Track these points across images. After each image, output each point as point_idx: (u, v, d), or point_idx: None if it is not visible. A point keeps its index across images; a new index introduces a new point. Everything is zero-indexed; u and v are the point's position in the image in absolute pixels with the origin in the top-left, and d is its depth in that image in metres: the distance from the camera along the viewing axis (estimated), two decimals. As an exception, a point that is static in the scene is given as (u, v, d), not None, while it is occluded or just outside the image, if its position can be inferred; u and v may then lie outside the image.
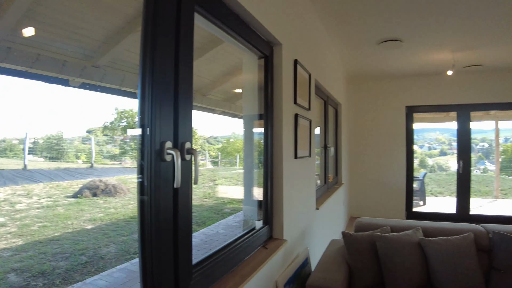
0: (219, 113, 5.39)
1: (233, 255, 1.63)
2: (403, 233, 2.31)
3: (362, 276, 2.20)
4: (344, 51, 4.59)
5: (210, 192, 8.95)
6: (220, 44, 3.23)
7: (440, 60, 4.96)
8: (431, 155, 13.64)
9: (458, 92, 6.02)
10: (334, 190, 4.36)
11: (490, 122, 8.87)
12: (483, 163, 12.43)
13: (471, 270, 2.18)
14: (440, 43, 4.22)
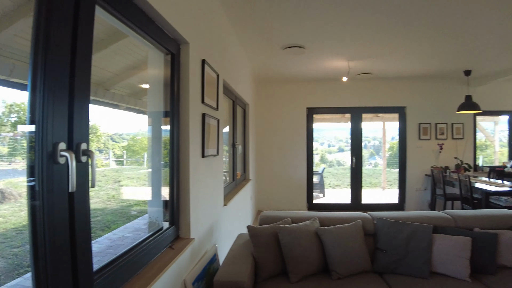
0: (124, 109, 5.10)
1: (138, 258, 1.59)
2: (302, 223, 2.51)
3: (266, 266, 2.33)
4: (252, 54, 4.76)
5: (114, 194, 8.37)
6: (127, 37, 3.08)
7: (337, 67, 5.50)
8: (330, 152, 14.97)
9: (352, 96, 6.77)
10: (242, 186, 4.50)
11: (379, 123, 10.03)
12: (374, 159, 14.05)
13: (360, 252, 2.49)
14: (337, 52, 4.68)
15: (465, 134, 6.75)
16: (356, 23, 3.54)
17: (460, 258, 2.43)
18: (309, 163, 6.89)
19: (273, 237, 2.43)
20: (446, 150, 6.65)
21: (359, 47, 4.42)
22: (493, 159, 7.66)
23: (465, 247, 2.46)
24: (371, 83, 6.70)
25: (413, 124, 6.74)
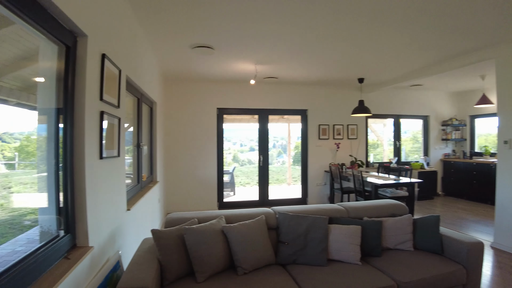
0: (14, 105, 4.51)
1: (24, 274, 1.43)
2: (208, 223, 2.53)
3: (172, 268, 2.29)
4: (160, 51, 4.61)
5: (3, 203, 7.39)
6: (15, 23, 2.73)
7: (246, 70, 5.67)
8: (242, 151, 15.37)
9: (260, 98, 7.05)
10: (149, 189, 4.34)
11: (285, 124, 10.61)
12: (282, 157, 14.80)
13: (264, 246, 2.61)
14: (245, 55, 4.82)
15: (358, 134, 7.60)
16: (262, 29, 3.70)
17: (352, 244, 2.72)
18: (220, 163, 6.97)
19: (179, 239, 2.40)
20: (343, 149, 7.42)
21: (265, 52, 4.63)
22: (382, 156, 8.69)
23: (356, 234, 2.76)
24: (277, 86, 7.09)
25: (313, 125, 7.34)
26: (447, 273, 2.58)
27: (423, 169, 8.00)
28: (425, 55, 4.92)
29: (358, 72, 6.00)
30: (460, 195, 7.98)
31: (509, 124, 4.36)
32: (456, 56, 4.94)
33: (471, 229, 5.46)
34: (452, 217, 6.22)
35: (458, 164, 8.04)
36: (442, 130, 8.57)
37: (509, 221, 4.33)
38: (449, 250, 2.84)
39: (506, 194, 4.39)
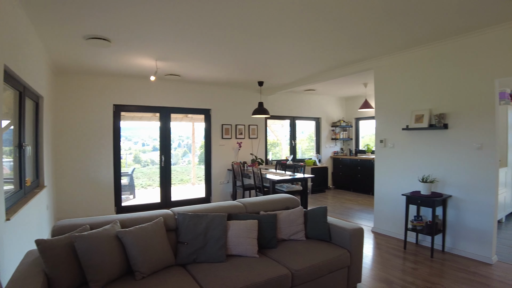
0: None
1: None
2: (101, 229, 2.39)
3: (62, 281, 2.10)
4: (48, 41, 4.12)
5: None
6: None
7: (145, 65, 5.43)
8: (145, 151, 14.64)
9: (161, 96, 6.85)
10: (34, 194, 3.88)
11: (189, 123, 10.49)
12: (188, 156, 14.58)
13: (162, 248, 2.56)
14: (145, 50, 4.60)
15: (258, 134, 7.99)
16: (163, 23, 3.56)
17: (250, 238, 2.85)
18: (117, 164, 6.54)
19: (69, 248, 2.20)
20: (244, 148, 7.71)
21: (166, 48, 4.50)
22: (281, 154, 9.22)
23: (253, 228, 2.91)
24: (180, 84, 6.99)
25: (217, 125, 7.46)
26: (334, 257, 2.90)
27: (316, 165, 8.80)
28: (318, 63, 5.41)
29: (258, 75, 6.29)
30: (347, 188, 9.03)
31: (383, 126, 5.09)
32: (343, 65, 5.54)
33: (356, 217, 6.18)
34: (340, 207, 6.96)
35: (345, 160, 9.08)
36: (332, 131, 9.60)
37: (385, 208, 5.06)
38: (335, 237, 3.19)
39: (382, 185, 5.11)
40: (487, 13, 3.35)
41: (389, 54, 4.85)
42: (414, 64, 4.64)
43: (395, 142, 4.93)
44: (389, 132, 5.01)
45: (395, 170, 4.93)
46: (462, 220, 4.15)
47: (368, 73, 5.68)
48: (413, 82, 4.66)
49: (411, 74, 4.67)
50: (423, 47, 4.45)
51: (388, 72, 4.98)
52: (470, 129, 4.05)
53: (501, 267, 3.77)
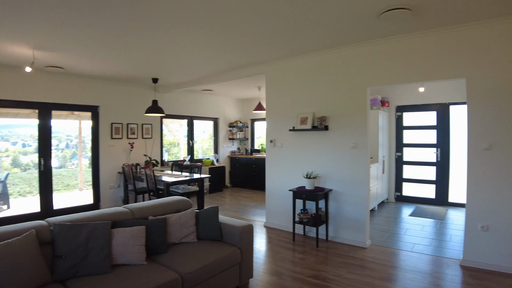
0: None
1: None
2: None
3: None
4: None
5: None
6: None
7: (19, 54, 4.70)
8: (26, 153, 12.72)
9: (41, 90, 6.01)
10: None
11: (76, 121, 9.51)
12: (77, 158, 13.23)
13: (34, 265, 2.26)
14: (20, 37, 3.96)
15: (153, 134, 7.66)
16: (40, 6, 3.07)
17: (137, 245, 2.72)
18: (-18, 170, 5.58)
19: None
20: (137, 149, 7.30)
21: (45, 36, 3.92)
22: (179, 155, 9.03)
23: (140, 235, 2.78)
24: (63, 78, 6.24)
25: (106, 123, 6.90)
26: (225, 256, 2.96)
27: (214, 165, 8.88)
28: (214, 64, 5.45)
29: (152, 71, 6.02)
30: (244, 186, 9.36)
31: (273, 127, 5.40)
32: (238, 68, 5.70)
33: (251, 213, 6.42)
34: (237, 205, 7.15)
35: (242, 159, 9.39)
36: (229, 131, 9.86)
37: (275, 203, 5.37)
38: (227, 235, 3.25)
39: (272, 182, 5.42)
40: (360, 31, 3.87)
41: (279, 60, 5.17)
42: (301, 71, 5.02)
43: (283, 142, 5.27)
44: (278, 132, 5.33)
45: (283, 167, 5.27)
46: (342, 211, 4.65)
47: (261, 77, 5.94)
48: (300, 87, 5.05)
49: (298, 80, 5.06)
50: (309, 55, 4.87)
51: (278, 77, 5.30)
52: (347, 130, 4.57)
53: (374, 250, 4.35)
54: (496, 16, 3.41)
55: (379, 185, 6.75)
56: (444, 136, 6.94)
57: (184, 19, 3.42)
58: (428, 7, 3.19)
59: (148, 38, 4.08)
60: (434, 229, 5.32)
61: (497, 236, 3.60)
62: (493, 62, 3.55)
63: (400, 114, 7.49)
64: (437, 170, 7.06)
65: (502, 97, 3.53)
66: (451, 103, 6.82)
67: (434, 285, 3.33)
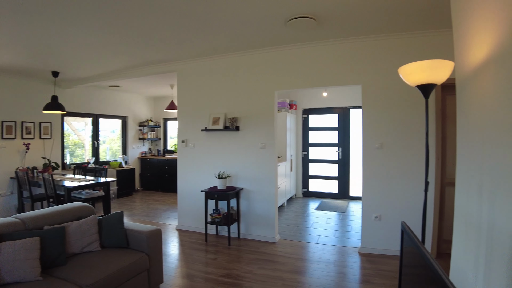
0: None
1: None
2: None
3: None
4: None
5: None
6: None
7: None
8: None
9: None
10: None
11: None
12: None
13: None
14: None
15: (53, 133, 6.89)
16: None
17: (29, 260, 2.42)
18: None
19: None
20: (34, 150, 6.48)
21: None
22: (84, 157, 8.31)
23: (33, 247, 2.48)
24: None
25: (-7, 122, 6.01)
26: (131, 263, 2.81)
27: (122, 167, 8.37)
28: (122, 59, 5.10)
29: (52, 64, 5.39)
30: (156, 188, 9.00)
31: (185, 127, 5.31)
32: (149, 64, 5.44)
33: (163, 217, 6.22)
34: (147, 209, 6.86)
35: (153, 160, 9.03)
36: (139, 130, 9.33)
37: (187, 205, 5.30)
38: (133, 242, 3.09)
39: (184, 183, 5.33)
40: (268, 36, 4.03)
41: (191, 59, 5.09)
42: (213, 71, 5.03)
43: (195, 142, 5.22)
44: (190, 132, 5.26)
45: (195, 168, 5.23)
46: (252, 209, 4.79)
47: (173, 75, 5.79)
48: (212, 87, 5.05)
49: (210, 80, 5.06)
50: (220, 56, 4.90)
51: (190, 76, 5.22)
52: (256, 131, 4.73)
53: (283, 244, 4.56)
54: (386, 32, 3.91)
55: (287, 182, 7.12)
56: (345, 136, 7.63)
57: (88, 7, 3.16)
58: (330, 19, 3.48)
59: (46, 26, 3.60)
60: (337, 221, 5.79)
61: (388, 224, 4.10)
62: (384, 72, 4.04)
63: (306, 116, 8.01)
64: (339, 167, 7.73)
65: (391, 102, 4.04)
66: (351, 107, 7.53)
67: (337, 273, 3.64)
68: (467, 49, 1.89)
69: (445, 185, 4.03)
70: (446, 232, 4.00)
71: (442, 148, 3.99)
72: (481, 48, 1.67)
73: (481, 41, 1.67)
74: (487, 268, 1.60)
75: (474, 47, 1.77)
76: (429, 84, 2.07)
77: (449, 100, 3.97)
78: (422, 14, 3.35)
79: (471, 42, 1.82)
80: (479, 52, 1.70)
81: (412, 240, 1.41)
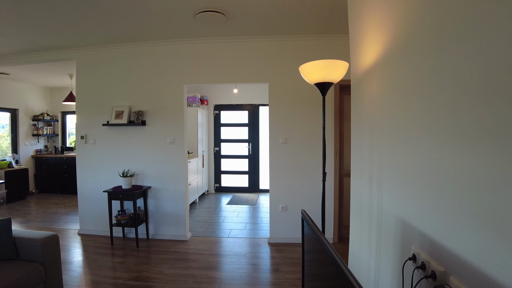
0: None
1: None
2: None
3: None
4: None
5: None
6: None
7: None
8: None
9: None
10: None
11: None
12: None
13: None
14: None
15: None
16: None
17: None
18: None
19: None
20: None
21: None
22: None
23: None
24: None
25: None
26: (22, 276, 2.47)
27: (12, 167, 7.33)
28: (7, 42, 4.41)
29: None
30: (54, 190, 8.07)
31: (85, 121, 4.84)
32: (42, 50, 4.81)
33: (62, 221, 5.64)
34: (44, 214, 6.15)
35: (51, 159, 8.08)
36: (33, 125, 8.23)
37: (89, 207, 4.86)
38: (24, 251, 2.73)
39: (85, 184, 4.88)
40: (176, 28, 3.88)
41: (91, 46, 4.66)
42: (116, 61, 4.68)
43: (96, 138, 4.81)
44: (90, 127, 4.82)
45: (97, 167, 4.82)
46: (161, 208, 4.62)
47: (73, 63, 5.24)
48: (115, 78, 4.70)
49: (113, 70, 4.69)
50: (125, 46, 4.58)
51: (91, 65, 4.78)
52: (165, 126, 4.56)
53: (194, 241, 4.51)
54: (292, 33, 4.12)
55: (199, 178, 7.05)
56: (254, 132, 7.85)
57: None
58: (239, 15, 3.53)
59: None
60: (248, 214, 5.94)
61: (293, 214, 4.34)
62: (288, 71, 4.27)
63: (218, 112, 8.02)
64: (249, 162, 7.93)
65: (294, 100, 4.29)
66: (260, 104, 7.78)
67: (249, 265, 3.73)
68: (360, 53, 2.09)
69: (343, 175, 4.42)
70: (345, 219, 4.40)
71: (340, 142, 4.37)
72: (371, 52, 1.86)
73: (372, 46, 1.85)
74: (378, 248, 1.80)
75: (366, 51, 1.96)
76: (326, 83, 2.23)
77: (346, 99, 4.37)
78: (324, 19, 3.60)
79: (364, 46, 2.01)
80: (369, 56, 1.89)
81: (310, 226, 1.50)
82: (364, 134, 2.04)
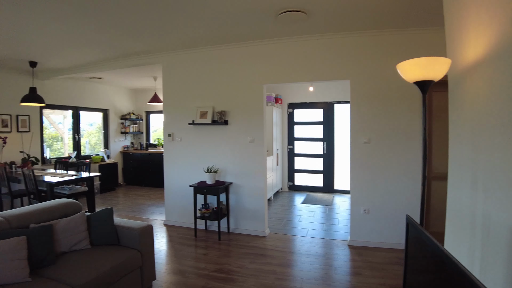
0: None
1: None
2: None
3: None
4: None
5: None
6: None
7: None
8: None
9: None
10: None
11: None
12: None
13: None
14: None
15: (31, 126, 6.62)
16: None
17: (16, 260, 2.31)
18: None
19: None
20: (11, 144, 6.21)
21: None
22: (63, 151, 8.04)
23: (20, 247, 2.38)
24: None
25: (-33, 115, 5.72)
26: (123, 261, 2.73)
27: (104, 162, 8.16)
28: (100, 49, 4.90)
29: (28, 53, 5.11)
30: (139, 183, 8.81)
31: (171, 120, 5.20)
32: (131, 55, 5.26)
33: (148, 212, 6.11)
34: (132, 204, 6.72)
35: (136, 155, 8.83)
36: (121, 124, 9.08)
37: (174, 200, 5.22)
38: (124, 238, 3.01)
39: (171, 178, 5.24)
40: (258, 29, 3.95)
41: (177, 50, 4.97)
42: (200, 63, 4.93)
43: (182, 136, 5.12)
44: (176, 126, 5.16)
45: (183, 162, 5.14)
46: (241, 203, 4.77)
47: (156, 67, 5.65)
48: (199, 80, 4.96)
49: (197, 73, 4.96)
50: (208, 48, 4.81)
51: (176, 68, 5.10)
52: (245, 125, 4.70)
53: (272, 237, 4.57)
54: (375, 28, 3.95)
55: (274, 176, 7.13)
56: (329, 131, 7.68)
57: None
58: (321, 13, 3.47)
59: (15, 10, 3.41)
60: (323, 214, 5.85)
61: (376, 218, 4.17)
62: (372, 67, 4.08)
63: (292, 111, 8.02)
64: (323, 161, 7.79)
65: (378, 98, 4.09)
66: (336, 102, 7.58)
67: (327, 266, 3.68)
68: (459, 48, 1.92)
69: (431, 179, 4.12)
70: (432, 224, 4.11)
71: (429, 143, 4.08)
72: (474, 46, 1.69)
73: (475, 40, 1.69)
74: (483, 260, 1.64)
75: (467, 45, 1.79)
76: (426, 81, 2.09)
77: (434, 96, 4.05)
78: (411, 12, 3.38)
79: (464, 40, 1.84)
80: (472, 51, 1.72)
81: (418, 230, 1.43)
82: (465, 135, 1.87)
